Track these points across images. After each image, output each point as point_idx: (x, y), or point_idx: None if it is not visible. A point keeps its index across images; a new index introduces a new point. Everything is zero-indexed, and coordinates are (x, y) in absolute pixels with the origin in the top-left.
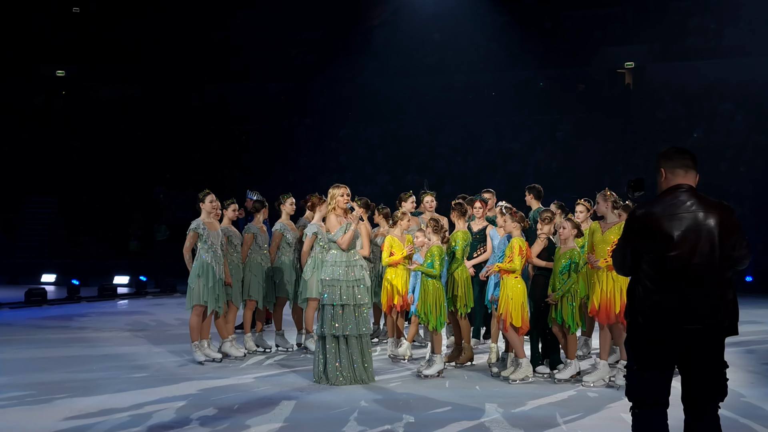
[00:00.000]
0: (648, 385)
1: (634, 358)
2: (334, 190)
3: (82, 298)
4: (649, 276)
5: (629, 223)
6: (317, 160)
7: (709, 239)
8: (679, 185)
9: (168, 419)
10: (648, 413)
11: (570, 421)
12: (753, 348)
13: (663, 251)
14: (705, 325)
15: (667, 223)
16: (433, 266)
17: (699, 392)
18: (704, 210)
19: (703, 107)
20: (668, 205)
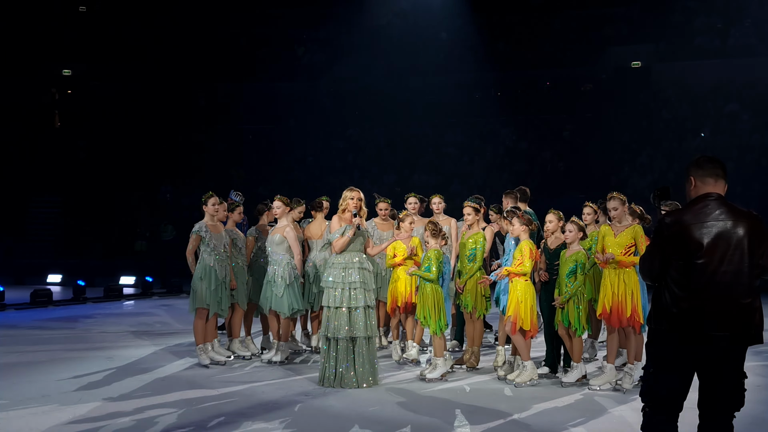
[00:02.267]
0: (663, 388)
1: (653, 360)
2: (347, 193)
3: (88, 299)
4: (677, 282)
5: (659, 230)
6: (324, 159)
7: (738, 248)
8: (709, 194)
9: (172, 423)
10: (659, 415)
11: (576, 425)
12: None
13: (692, 259)
14: (732, 332)
15: (697, 231)
16: (430, 270)
17: (717, 400)
18: (734, 219)
19: (709, 107)
20: (698, 213)
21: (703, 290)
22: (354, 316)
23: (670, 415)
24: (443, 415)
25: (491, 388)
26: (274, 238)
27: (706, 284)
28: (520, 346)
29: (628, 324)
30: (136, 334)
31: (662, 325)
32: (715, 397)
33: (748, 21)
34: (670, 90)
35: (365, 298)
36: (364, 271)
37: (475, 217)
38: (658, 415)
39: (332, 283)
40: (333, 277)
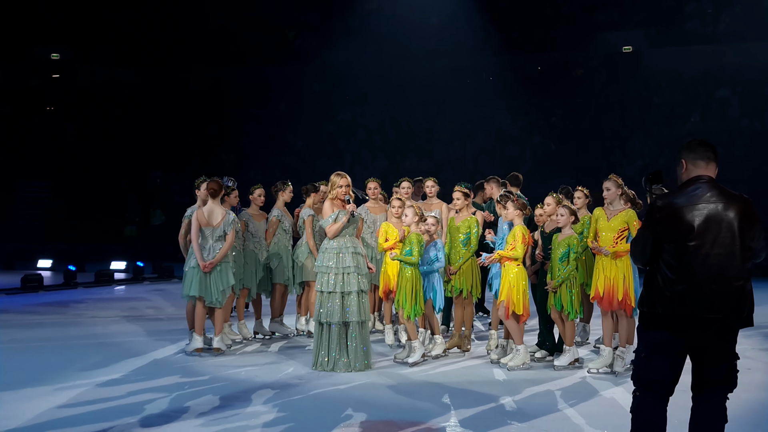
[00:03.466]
0: (654, 372)
1: (645, 345)
2: (336, 179)
3: (79, 284)
4: (669, 266)
5: (650, 213)
6: (315, 144)
7: (729, 230)
8: (700, 176)
9: (165, 407)
10: (650, 398)
11: (568, 407)
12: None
13: (684, 241)
14: (725, 314)
15: (689, 214)
16: (412, 254)
17: (710, 382)
18: (725, 201)
19: (700, 93)
20: (689, 196)
21: (696, 273)
22: (347, 300)
23: (661, 398)
24: (436, 398)
25: (484, 371)
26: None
27: (698, 267)
28: (513, 330)
29: (619, 307)
30: (127, 319)
31: (655, 308)
32: (708, 379)
33: (738, 7)
34: (661, 75)
35: (358, 282)
36: (358, 256)
37: (464, 202)
38: (649, 398)
39: (325, 267)
40: (326, 262)
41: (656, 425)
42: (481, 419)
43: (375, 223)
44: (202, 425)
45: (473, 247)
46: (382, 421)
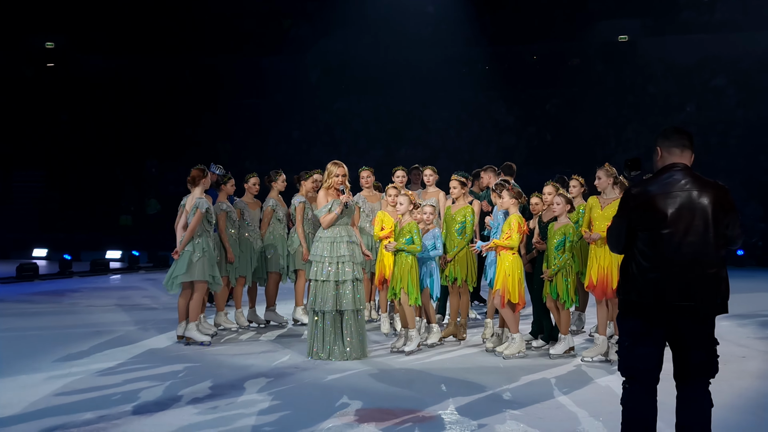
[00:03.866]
0: (639, 360)
1: (626, 334)
2: (333, 168)
3: (74, 273)
4: (643, 253)
5: (625, 200)
6: (311, 133)
7: (703, 217)
8: (675, 164)
9: (159, 395)
10: (638, 387)
11: (563, 395)
12: (744, 322)
13: (657, 229)
14: (698, 302)
15: (662, 201)
16: (413, 242)
17: (690, 369)
18: (699, 189)
19: (695, 82)
20: (663, 184)
21: (669, 261)
22: (342, 289)
23: (648, 387)
24: (432, 386)
25: (480, 360)
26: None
27: (671, 255)
28: (509, 319)
29: (613, 296)
30: (122, 308)
31: (630, 296)
32: (688, 366)
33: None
34: (656, 65)
35: (353, 271)
36: (353, 245)
37: (461, 191)
38: (637, 390)
39: (320, 256)
40: (321, 251)
41: (647, 417)
42: (477, 407)
43: (373, 212)
44: (196, 413)
45: (468, 235)
46: (378, 409)
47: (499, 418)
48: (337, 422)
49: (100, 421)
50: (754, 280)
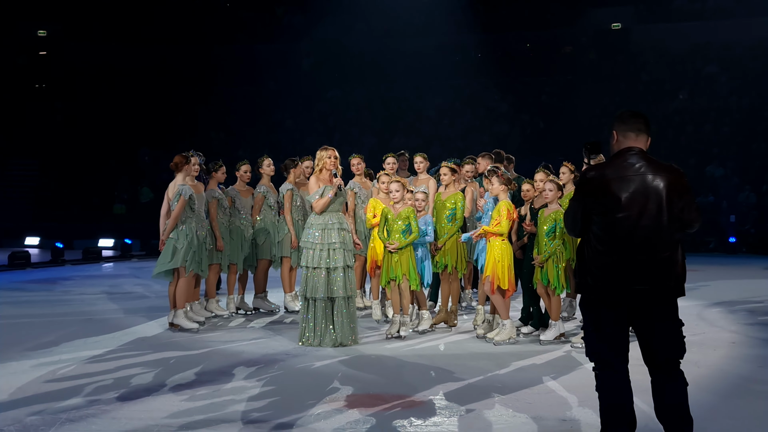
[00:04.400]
0: (605, 345)
1: (589, 320)
2: (322, 152)
3: (67, 261)
4: (598, 237)
5: (580, 184)
6: (304, 121)
7: (656, 201)
8: (630, 148)
9: (149, 382)
10: (609, 372)
11: (551, 380)
12: (735, 308)
13: (612, 213)
14: (652, 285)
15: (617, 185)
16: (411, 228)
17: (656, 350)
18: (653, 172)
19: (688, 69)
20: (618, 167)
21: (623, 244)
22: (333, 276)
23: (619, 371)
24: (423, 372)
25: (470, 346)
26: None
27: (625, 238)
28: (499, 305)
29: None
30: (114, 296)
31: (586, 279)
32: (652, 348)
33: None
34: (649, 52)
35: (344, 258)
36: (344, 232)
37: (451, 178)
38: (609, 376)
39: (311, 243)
40: (312, 238)
41: (622, 400)
42: (467, 393)
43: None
44: (186, 400)
45: (459, 222)
46: (368, 394)
47: (489, 404)
48: (326, 408)
49: (89, 406)
50: (746, 267)
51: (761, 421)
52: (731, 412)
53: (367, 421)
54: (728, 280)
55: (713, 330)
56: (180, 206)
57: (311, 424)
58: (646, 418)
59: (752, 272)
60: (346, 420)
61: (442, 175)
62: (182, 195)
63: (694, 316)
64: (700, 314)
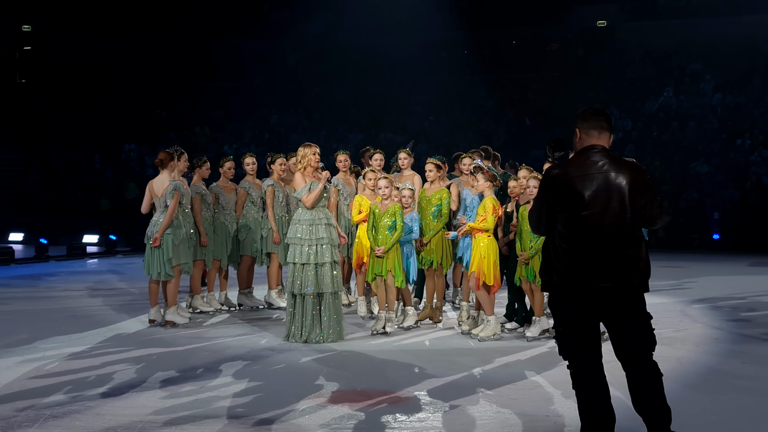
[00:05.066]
0: (576, 343)
1: (559, 319)
2: (305, 149)
3: (51, 257)
4: (562, 235)
5: (543, 182)
6: (290, 118)
7: (619, 199)
8: (593, 146)
9: (133, 378)
10: (582, 370)
11: (539, 377)
12: (718, 305)
13: (575, 211)
14: (616, 282)
15: (579, 183)
16: (396, 226)
17: (627, 345)
18: (615, 170)
19: (673, 67)
20: (581, 165)
21: (586, 242)
22: (320, 272)
23: (592, 367)
24: (408, 368)
25: (455, 342)
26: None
27: (588, 236)
28: (484, 302)
29: None
30: (99, 292)
31: (552, 278)
32: (624, 343)
33: None
34: (635, 50)
35: (332, 253)
36: (331, 227)
37: (436, 174)
38: (582, 370)
39: (299, 239)
40: (300, 234)
41: (598, 395)
42: (452, 389)
43: (351, 196)
44: (171, 396)
45: (444, 218)
46: (353, 390)
47: (473, 399)
48: (311, 403)
49: (73, 403)
50: (730, 264)
51: (744, 417)
52: (715, 408)
53: (352, 417)
54: (712, 276)
55: (697, 326)
56: (175, 203)
57: (296, 419)
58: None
59: (736, 269)
60: (331, 416)
61: (428, 171)
62: (177, 191)
63: (677, 312)
64: (684, 311)
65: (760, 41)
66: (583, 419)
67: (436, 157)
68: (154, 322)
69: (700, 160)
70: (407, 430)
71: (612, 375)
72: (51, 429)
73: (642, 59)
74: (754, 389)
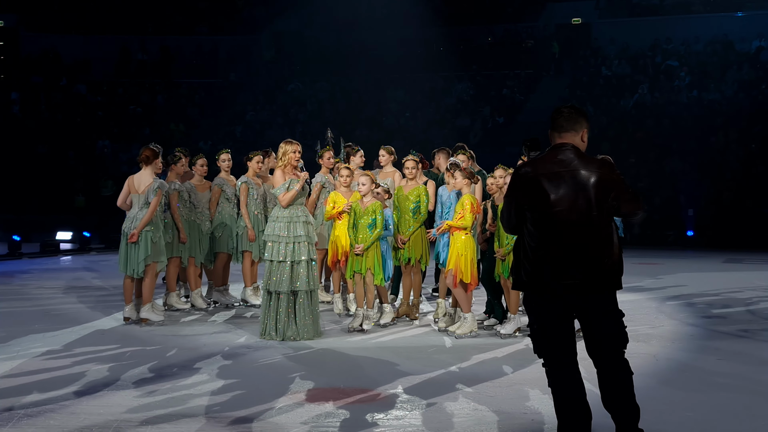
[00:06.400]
0: (550, 341)
1: (532, 317)
2: (287, 146)
3: (24, 255)
4: (531, 233)
5: (513, 181)
6: (265, 114)
7: (585, 196)
8: (563, 144)
9: (109, 377)
10: (557, 368)
11: (516, 374)
12: (693, 301)
13: (543, 209)
14: (582, 280)
15: (547, 182)
16: (376, 224)
17: (598, 342)
18: (583, 167)
19: (648, 64)
20: (549, 163)
21: (553, 240)
22: (296, 269)
23: (567, 365)
24: (385, 366)
25: (432, 339)
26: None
27: (555, 233)
28: (461, 299)
29: None
30: (73, 290)
31: (521, 275)
32: (595, 340)
33: None
34: (610, 47)
35: (308, 251)
36: (308, 225)
37: (415, 171)
38: (557, 368)
39: (276, 236)
40: (278, 231)
41: (574, 392)
42: (429, 386)
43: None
44: (147, 394)
45: (423, 216)
46: (330, 388)
47: (451, 397)
48: (288, 401)
49: (48, 402)
50: (704, 261)
51: (721, 414)
52: (691, 405)
53: (329, 415)
54: (686, 273)
55: (672, 323)
56: (158, 200)
57: (274, 418)
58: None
59: (710, 265)
60: (308, 414)
61: (410, 168)
62: (160, 188)
63: (653, 309)
64: (659, 307)
65: (734, 39)
66: (559, 417)
67: (413, 153)
68: (129, 319)
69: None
70: (385, 428)
71: (588, 371)
72: (25, 428)
73: (617, 56)
74: (729, 386)
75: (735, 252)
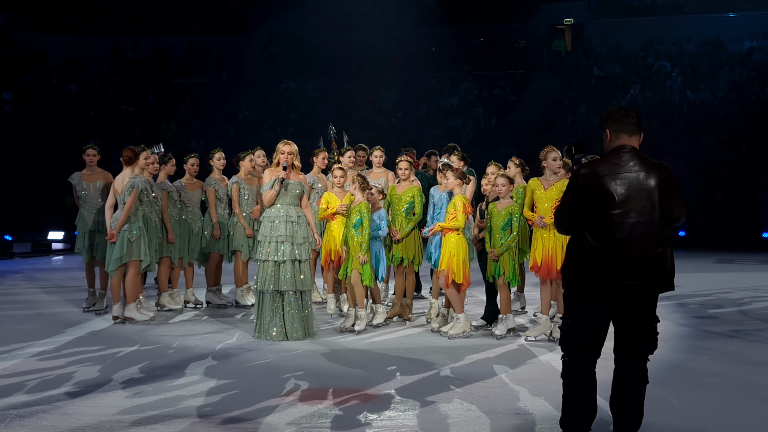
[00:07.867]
0: (581, 336)
1: (570, 310)
2: (280, 146)
3: (15, 254)
4: (593, 233)
5: (574, 181)
6: (258, 113)
7: (649, 198)
8: (623, 146)
9: (101, 378)
10: (577, 362)
11: (504, 373)
12: (685, 302)
13: (606, 209)
14: (644, 280)
15: (611, 183)
16: (363, 223)
17: (631, 345)
18: (646, 170)
19: (639, 64)
20: (612, 165)
21: (617, 240)
22: (281, 269)
23: (588, 362)
24: (378, 366)
25: (425, 340)
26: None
27: (619, 234)
28: (454, 299)
29: (557, 276)
30: (64, 290)
31: (579, 274)
32: (629, 342)
33: None
34: (601, 47)
35: (293, 251)
36: (292, 224)
37: (409, 172)
38: (577, 362)
39: (262, 236)
40: (263, 230)
41: (587, 390)
42: (422, 386)
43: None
44: (139, 395)
45: (417, 216)
46: (323, 388)
47: (444, 397)
48: (281, 402)
49: (40, 403)
50: (696, 261)
51: (712, 414)
52: (683, 405)
53: (322, 415)
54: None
55: (664, 323)
56: (132, 199)
57: (266, 418)
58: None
59: (702, 266)
60: (300, 414)
61: (404, 168)
62: (134, 188)
63: None
64: None
65: (725, 39)
66: (566, 409)
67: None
68: (118, 318)
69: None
70: (377, 428)
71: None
72: (18, 429)
73: (609, 57)
74: (722, 386)
75: (727, 252)
